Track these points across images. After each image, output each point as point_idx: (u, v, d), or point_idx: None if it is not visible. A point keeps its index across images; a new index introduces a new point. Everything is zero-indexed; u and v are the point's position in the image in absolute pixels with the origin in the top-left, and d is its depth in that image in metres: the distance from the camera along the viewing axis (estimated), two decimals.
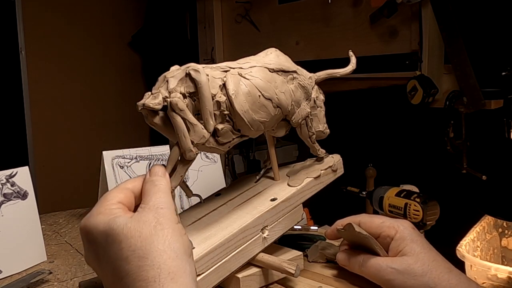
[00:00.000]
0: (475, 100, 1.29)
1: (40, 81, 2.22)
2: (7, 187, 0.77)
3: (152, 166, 0.53)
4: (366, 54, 1.55)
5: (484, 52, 1.31)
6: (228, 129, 0.57)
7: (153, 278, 0.40)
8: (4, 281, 0.72)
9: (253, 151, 2.07)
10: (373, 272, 0.61)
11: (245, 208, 0.65)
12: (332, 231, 0.69)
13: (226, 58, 2.07)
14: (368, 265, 0.62)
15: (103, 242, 0.44)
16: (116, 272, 0.42)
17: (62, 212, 1.10)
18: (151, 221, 0.44)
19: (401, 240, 0.61)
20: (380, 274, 0.60)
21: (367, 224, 0.64)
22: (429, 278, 0.57)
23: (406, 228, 0.62)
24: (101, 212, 0.46)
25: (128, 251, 0.42)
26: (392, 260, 0.60)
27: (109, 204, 0.47)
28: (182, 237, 0.45)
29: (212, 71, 0.57)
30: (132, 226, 0.43)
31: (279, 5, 1.86)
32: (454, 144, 1.35)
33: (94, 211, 0.47)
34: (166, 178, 0.51)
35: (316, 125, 0.70)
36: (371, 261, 0.62)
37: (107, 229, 0.44)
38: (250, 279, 0.63)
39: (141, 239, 0.42)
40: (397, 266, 0.59)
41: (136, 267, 0.41)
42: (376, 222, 0.64)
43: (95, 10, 2.42)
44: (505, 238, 0.84)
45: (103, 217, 0.45)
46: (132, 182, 0.50)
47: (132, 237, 0.42)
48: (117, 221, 0.44)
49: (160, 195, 0.48)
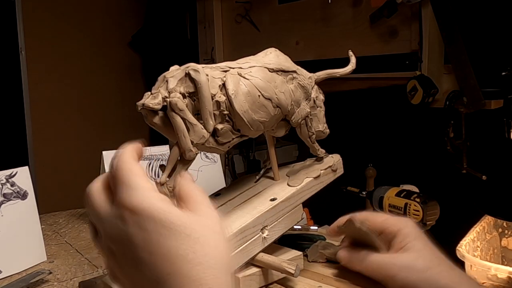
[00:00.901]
0: (475, 100, 1.29)
1: (40, 81, 2.22)
2: (7, 187, 0.77)
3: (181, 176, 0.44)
4: (366, 54, 1.55)
5: (484, 52, 1.31)
6: (227, 129, 0.57)
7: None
8: (4, 281, 0.72)
9: (253, 151, 2.07)
10: (375, 268, 0.61)
11: (245, 208, 0.65)
12: (333, 228, 0.69)
13: (226, 58, 2.07)
14: (370, 261, 0.61)
15: (156, 231, 0.37)
16: (167, 267, 0.37)
17: (62, 212, 1.10)
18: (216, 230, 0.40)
19: (405, 236, 0.61)
20: (382, 269, 0.59)
21: (371, 220, 0.64)
22: (431, 274, 0.56)
23: (410, 226, 0.62)
24: (150, 188, 0.39)
25: (191, 253, 0.37)
26: (395, 256, 0.60)
27: (148, 181, 0.40)
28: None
29: (211, 71, 0.57)
30: (196, 227, 0.38)
31: (279, 5, 1.86)
32: (454, 144, 1.35)
33: (140, 185, 0.39)
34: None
35: (316, 125, 0.70)
36: (373, 257, 0.61)
37: (164, 220, 0.37)
38: (250, 279, 0.63)
39: (210, 247, 0.38)
40: (400, 262, 0.58)
41: (197, 271, 0.36)
42: (380, 219, 0.64)
43: (95, 10, 2.42)
44: (505, 238, 0.84)
45: (161, 204, 0.38)
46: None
47: (197, 243, 0.38)
48: (180, 216, 0.38)
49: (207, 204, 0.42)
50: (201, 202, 0.41)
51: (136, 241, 0.37)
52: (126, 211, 0.38)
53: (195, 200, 0.41)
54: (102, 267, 0.78)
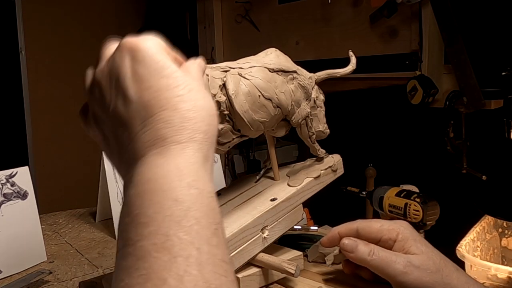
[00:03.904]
0: (475, 100, 1.29)
1: (40, 81, 2.22)
2: (7, 187, 0.77)
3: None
4: (366, 54, 1.55)
5: (484, 52, 1.30)
6: (228, 129, 0.58)
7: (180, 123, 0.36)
8: (4, 281, 0.72)
9: (253, 151, 2.07)
10: (385, 264, 0.58)
11: (245, 208, 0.65)
12: (329, 239, 0.66)
13: (226, 58, 2.07)
14: (380, 256, 0.59)
15: (149, 68, 0.38)
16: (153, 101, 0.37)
17: (62, 212, 1.10)
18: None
19: (405, 240, 0.60)
20: (395, 266, 0.57)
21: (366, 229, 0.62)
22: (441, 275, 0.56)
23: (406, 228, 0.62)
24: (159, 42, 0.40)
25: (175, 90, 0.37)
26: (407, 256, 0.58)
27: (160, 44, 0.41)
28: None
29: (212, 71, 0.57)
30: (189, 82, 0.39)
31: (279, 5, 1.86)
32: (454, 144, 1.35)
33: (147, 39, 0.40)
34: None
35: (316, 125, 0.70)
36: (384, 252, 0.59)
37: (162, 65, 0.38)
38: (250, 279, 0.63)
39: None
40: (413, 261, 0.57)
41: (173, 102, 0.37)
42: (375, 227, 0.62)
43: (95, 10, 2.42)
44: (505, 238, 0.84)
45: (161, 53, 0.39)
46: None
47: (185, 86, 0.38)
48: (173, 67, 0.39)
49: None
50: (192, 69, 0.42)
51: (127, 74, 0.38)
52: (126, 48, 0.40)
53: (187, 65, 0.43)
54: (102, 267, 0.78)
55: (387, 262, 0.58)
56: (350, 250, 0.61)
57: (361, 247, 0.60)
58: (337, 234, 0.65)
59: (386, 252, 0.59)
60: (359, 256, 0.60)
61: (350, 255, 0.61)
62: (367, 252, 0.59)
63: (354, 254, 0.61)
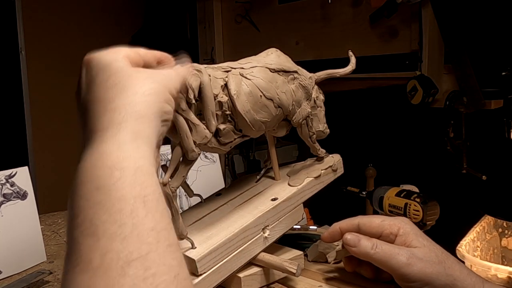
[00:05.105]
0: (475, 100, 1.29)
1: (40, 81, 2.22)
2: (6, 187, 0.77)
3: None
4: (366, 54, 1.55)
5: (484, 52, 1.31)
6: (230, 129, 0.58)
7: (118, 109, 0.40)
8: (4, 282, 0.72)
9: (253, 151, 2.07)
10: (388, 257, 0.58)
11: (246, 207, 0.65)
12: (330, 234, 0.66)
13: (226, 58, 2.07)
14: (383, 249, 0.58)
15: (97, 74, 0.42)
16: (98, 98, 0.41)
17: (61, 212, 1.10)
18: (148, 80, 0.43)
19: (406, 235, 0.60)
20: (398, 258, 0.57)
21: (367, 225, 0.63)
22: (444, 266, 0.56)
23: (407, 224, 0.62)
24: (110, 51, 0.44)
25: (112, 83, 0.41)
26: (410, 248, 0.58)
27: (119, 51, 0.44)
28: (163, 103, 0.44)
29: (213, 71, 0.57)
30: (130, 73, 0.42)
31: (279, 5, 1.86)
32: (454, 144, 1.36)
33: (102, 51, 0.44)
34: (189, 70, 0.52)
35: (316, 125, 0.70)
36: (387, 246, 0.59)
37: (107, 65, 0.42)
38: (252, 279, 0.63)
39: (129, 78, 0.42)
40: (416, 253, 0.57)
41: (111, 96, 0.40)
42: (376, 222, 0.62)
43: (95, 10, 2.42)
44: (505, 238, 0.84)
45: (110, 56, 0.43)
46: (145, 51, 0.48)
47: (122, 77, 0.42)
48: (119, 64, 0.43)
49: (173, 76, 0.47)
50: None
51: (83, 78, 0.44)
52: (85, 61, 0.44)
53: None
54: None
55: (390, 255, 0.58)
56: (353, 244, 0.60)
57: (363, 241, 0.60)
58: (338, 229, 0.65)
59: (389, 245, 0.59)
60: (362, 250, 0.60)
61: (353, 250, 0.61)
62: (370, 246, 0.59)
63: (357, 248, 0.60)
